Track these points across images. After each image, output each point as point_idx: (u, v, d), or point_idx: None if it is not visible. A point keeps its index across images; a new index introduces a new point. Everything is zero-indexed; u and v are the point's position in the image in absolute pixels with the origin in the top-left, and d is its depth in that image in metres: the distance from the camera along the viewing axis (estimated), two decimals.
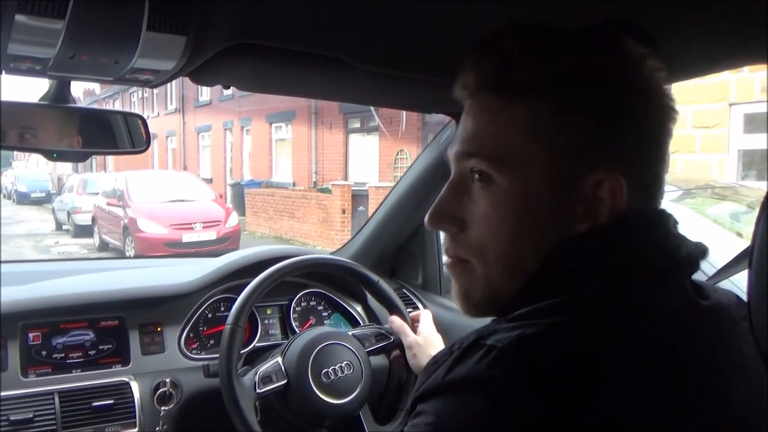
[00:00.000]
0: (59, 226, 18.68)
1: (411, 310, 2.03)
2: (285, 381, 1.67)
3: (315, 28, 1.18)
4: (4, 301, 1.72)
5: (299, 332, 1.89)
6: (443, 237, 0.89)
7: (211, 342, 1.95)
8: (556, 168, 0.78)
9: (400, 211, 2.23)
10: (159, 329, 1.87)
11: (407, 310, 1.89)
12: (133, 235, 12.81)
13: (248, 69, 1.33)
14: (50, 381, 1.69)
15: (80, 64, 1.09)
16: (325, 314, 2.15)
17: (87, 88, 32.00)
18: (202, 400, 1.80)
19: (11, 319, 1.70)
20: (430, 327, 1.83)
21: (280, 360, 1.71)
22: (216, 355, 1.70)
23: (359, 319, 2.15)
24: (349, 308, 2.16)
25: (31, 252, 14.61)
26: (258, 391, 1.64)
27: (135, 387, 1.74)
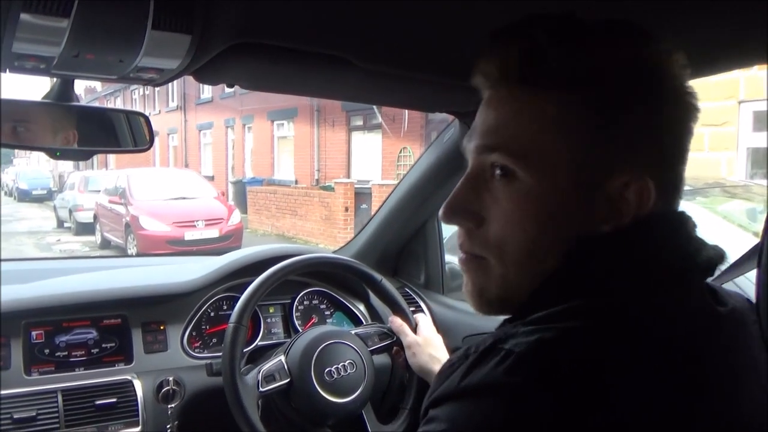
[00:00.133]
0: (61, 223, 18.69)
1: (413, 309, 2.03)
2: (288, 380, 1.67)
3: (319, 28, 1.18)
4: (7, 299, 1.72)
5: (302, 331, 1.90)
6: (458, 232, 0.86)
7: (213, 340, 1.95)
8: (583, 166, 0.76)
9: (403, 209, 2.23)
10: (162, 328, 1.87)
11: (410, 309, 1.89)
12: (135, 233, 12.80)
13: (252, 68, 1.33)
14: (53, 379, 1.69)
15: (85, 63, 1.09)
16: (327, 313, 2.15)
17: (88, 85, 32.02)
18: (205, 399, 1.80)
19: (14, 318, 1.70)
20: (429, 327, 1.84)
21: (283, 358, 1.71)
22: (219, 354, 1.70)
23: (362, 318, 2.15)
24: (351, 307, 2.16)
25: (33, 250, 14.62)
26: (261, 389, 1.64)
27: (138, 385, 1.73)
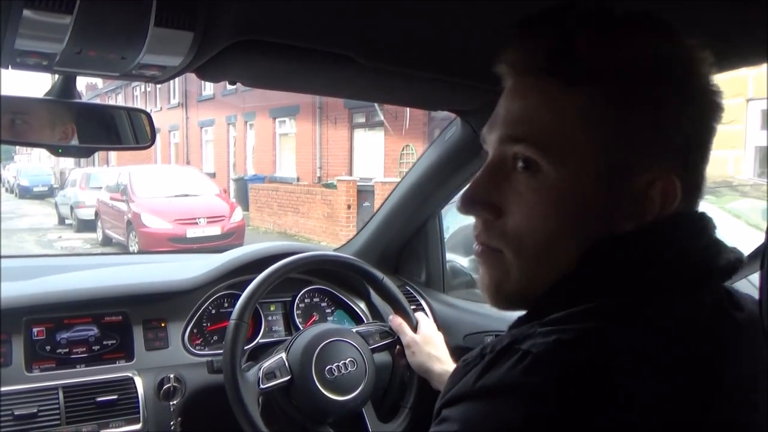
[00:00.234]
0: (62, 220, 18.72)
1: (414, 307, 2.03)
2: (288, 377, 1.68)
3: (321, 25, 1.18)
4: (8, 296, 1.72)
5: (303, 329, 1.90)
6: (474, 223, 0.84)
7: (214, 338, 1.95)
8: (610, 162, 0.74)
9: (404, 207, 2.23)
10: (163, 325, 1.87)
11: (411, 308, 1.89)
12: (137, 230, 12.79)
13: (254, 65, 1.33)
14: (54, 376, 1.69)
15: (87, 60, 1.09)
16: (328, 311, 2.15)
17: (89, 82, 31.94)
18: (205, 396, 1.80)
19: (15, 314, 1.71)
20: (429, 326, 1.84)
21: (283, 356, 1.71)
22: (220, 351, 1.71)
23: (362, 316, 2.15)
24: (352, 305, 2.16)
25: (34, 247, 14.62)
26: (261, 386, 1.64)
27: (139, 382, 1.74)
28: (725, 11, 1.02)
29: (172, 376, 1.78)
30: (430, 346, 1.75)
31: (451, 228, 2.59)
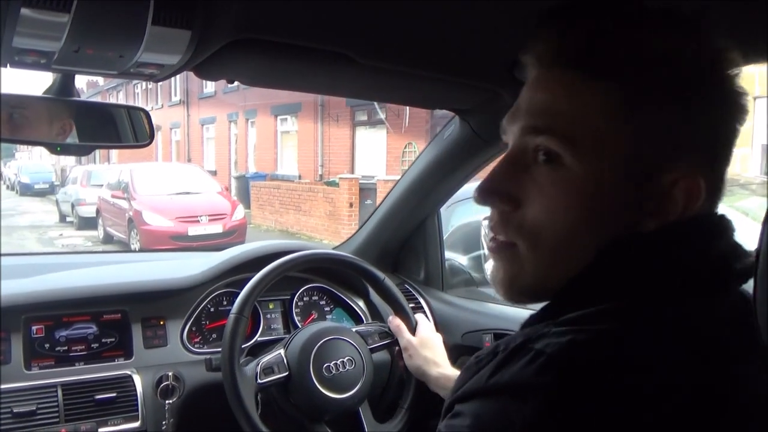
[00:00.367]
0: (63, 218, 18.69)
1: (413, 305, 2.03)
2: (286, 373, 1.68)
3: (319, 24, 1.18)
4: (7, 293, 1.72)
5: (302, 326, 1.90)
6: (490, 214, 0.82)
7: (213, 336, 1.95)
8: (634, 159, 0.73)
9: (404, 206, 2.23)
10: (161, 323, 1.87)
11: (411, 309, 1.90)
12: (139, 228, 12.76)
13: (253, 64, 1.33)
14: (53, 374, 1.69)
15: (85, 58, 1.09)
16: (327, 309, 2.15)
17: (90, 79, 31.93)
18: (204, 394, 1.80)
19: (14, 312, 1.71)
20: (428, 328, 1.84)
21: (282, 352, 1.71)
22: (218, 349, 1.71)
23: (361, 315, 2.15)
24: (351, 303, 2.17)
25: (35, 244, 14.58)
26: (259, 381, 1.65)
27: (137, 380, 1.74)
28: (726, 8, 1.02)
29: (170, 374, 1.78)
30: (427, 350, 1.75)
31: (449, 226, 2.58)
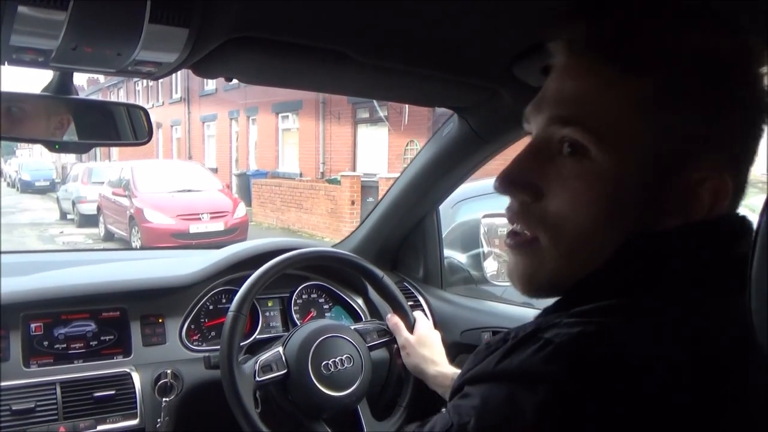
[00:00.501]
0: (64, 215, 18.68)
1: (411, 303, 2.03)
2: (285, 371, 1.68)
3: (317, 22, 1.18)
4: (6, 291, 1.72)
5: (301, 324, 1.90)
6: (509, 205, 0.81)
7: (212, 334, 1.95)
8: (662, 155, 0.72)
9: (402, 204, 2.23)
10: (160, 321, 1.87)
11: (409, 307, 1.89)
12: (140, 226, 12.74)
13: (251, 62, 1.33)
14: (52, 371, 1.70)
15: (83, 56, 1.09)
16: (326, 307, 2.15)
17: (91, 76, 31.88)
18: (202, 392, 1.80)
19: (13, 310, 1.71)
20: (426, 326, 1.84)
21: (281, 350, 1.71)
22: (217, 347, 1.71)
23: (360, 313, 2.15)
24: (350, 301, 2.17)
25: (36, 242, 14.57)
26: (258, 379, 1.64)
27: (136, 378, 1.74)
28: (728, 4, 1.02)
29: (169, 371, 1.78)
30: (425, 348, 1.75)
31: (448, 224, 2.58)
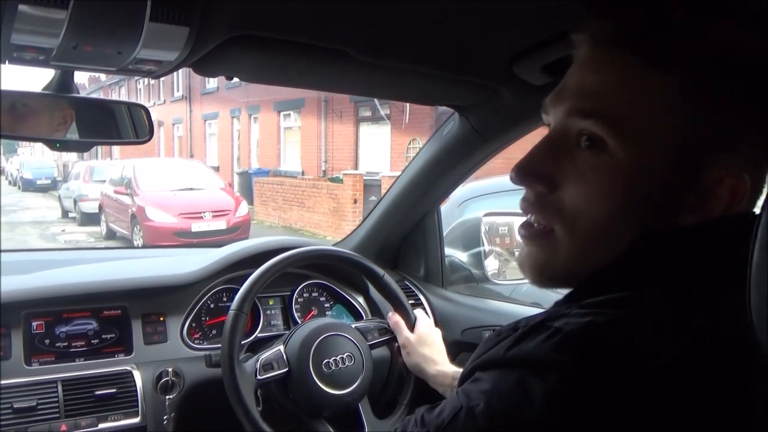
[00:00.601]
0: (65, 213, 18.67)
1: (412, 302, 2.03)
2: (286, 369, 1.68)
3: (318, 21, 1.18)
4: (7, 289, 1.73)
5: (302, 323, 1.90)
6: (524, 195, 0.80)
7: (213, 332, 1.95)
8: (682, 151, 0.71)
9: (403, 202, 2.23)
10: (161, 319, 1.87)
11: (410, 306, 1.89)
12: (142, 224, 12.73)
13: (251, 60, 1.34)
14: (53, 369, 1.70)
15: (83, 54, 1.10)
16: (327, 305, 2.15)
17: (92, 74, 31.98)
18: (204, 390, 1.80)
19: (15, 308, 1.71)
20: (427, 325, 1.84)
21: (282, 348, 1.71)
22: (218, 345, 1.71)
23: (361, 311, 2.15)
24: (351, 300, 2.17)
25: (38, 240, 14.58)
26: (259, 377, 1.64)
27: (137, 376, 1.74)
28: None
29: (170, 369, 1.78)
30: (425, 347, 1.75)
31: (449, 223, 2.58)
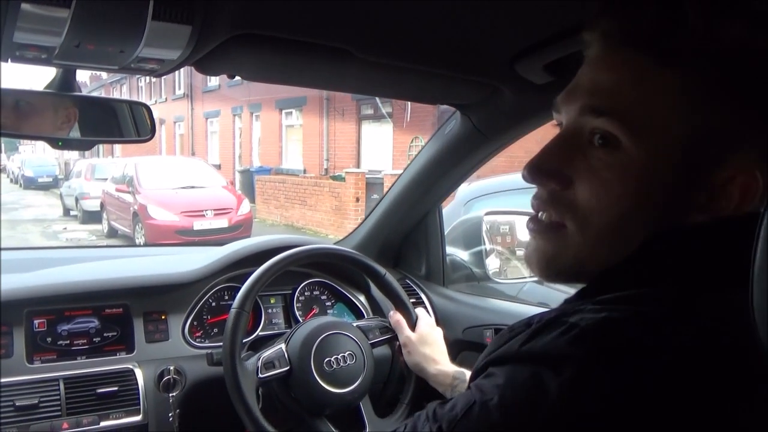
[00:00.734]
0: (67, 211, 18.68)
1: (414, 300, 2.03)
2: (287, 367, 1.68)
3: (319, 19, 1.18)
4: (9, 288, 1.73)
5: (303, 321, 1.90)
6: (536, 192, 0.81)
7: (214, 330, 1.95)
8: (693, 150, 0.71)
9: (405, 201, 2.23)
10: (163, 317, 1.88)
11: (411, 304, 1.89)
12: (144, 222, 12.72)
13: (253, 59, 1.34)
14: (55, 367, 1.70)
15: (86, 53, 1.10)
16: (328, 304, 2.16)
17: (94, 72, 31.95)
18: (205, 389, 1.80)
19: (17, 306, 1.71)
20: (428, 324, 1.84)
21: (283, 347, 1.72)
22: (220, 344, 1.71)
23: (362, 310, 2.16)
24: (352, 298, 2.17)
25: (39, 238, 14.58)
26: (260, 375, 1.65)
27: (139, 374, 1.74)
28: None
29: (172, 368, 1.78)
30: (426, 346, 1.75)
31: (450, 222, 2.58)
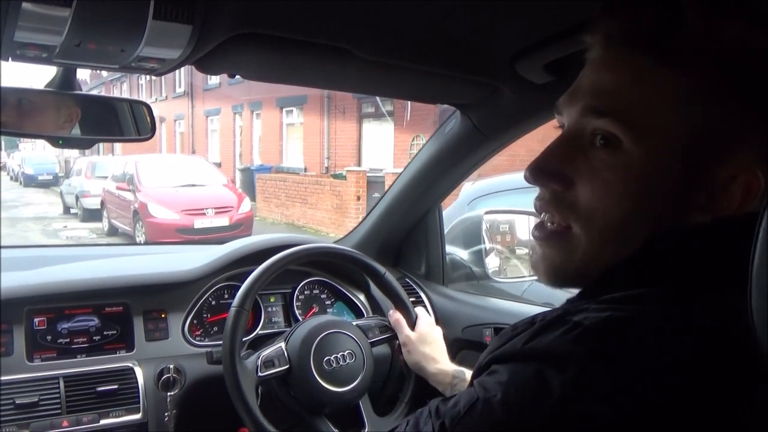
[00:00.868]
0: (67, 209, 18.65)
1: (413, 300, 2.04)
2: (287, 366, 1.68)
3: (320, 19, 1.18)
4: (10, 286, 1.73)
5: (303, 320, 1.90)
6: (538, 194, 0.81)
7: (214, 329, 1.96)
8: (695, 149, 0.71)
9: (404, 200, 2.23)
10: (163, 316, 1.88)
11: (411, 303, 1.90)
12: (144, 221, 12.69)
13: (254, 58, 1.34)
14: (55, 365, 1.70)
15: (86, 52, 1.10)
16: (328, 303, 2.16)
17: (94, 71, 31.97)
18: (205, 387, 1.80)
19: (17, 304, 1.72)
20: (428, 323, 1.84)
21: (283, 345, 1.72)
22: (219, 342, 1.71)
23: (362, 309, 2.16)
24: (352, 297, 2.17)
25: (39, 236, 14.55)
26: (260, 374, 1.65)
27: (139, 372, 1.75)
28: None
29: (171, 366, 1.79)
30: (426, 345, 1.75)
31: (450, 221, 2.58)
